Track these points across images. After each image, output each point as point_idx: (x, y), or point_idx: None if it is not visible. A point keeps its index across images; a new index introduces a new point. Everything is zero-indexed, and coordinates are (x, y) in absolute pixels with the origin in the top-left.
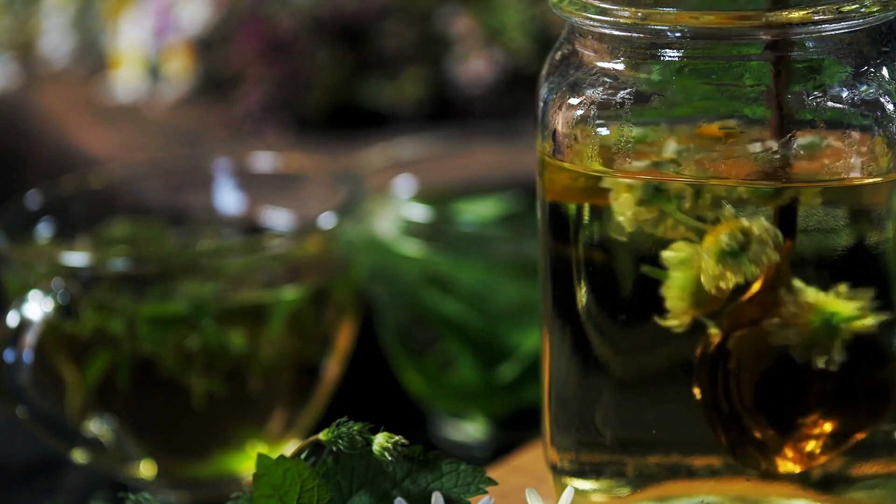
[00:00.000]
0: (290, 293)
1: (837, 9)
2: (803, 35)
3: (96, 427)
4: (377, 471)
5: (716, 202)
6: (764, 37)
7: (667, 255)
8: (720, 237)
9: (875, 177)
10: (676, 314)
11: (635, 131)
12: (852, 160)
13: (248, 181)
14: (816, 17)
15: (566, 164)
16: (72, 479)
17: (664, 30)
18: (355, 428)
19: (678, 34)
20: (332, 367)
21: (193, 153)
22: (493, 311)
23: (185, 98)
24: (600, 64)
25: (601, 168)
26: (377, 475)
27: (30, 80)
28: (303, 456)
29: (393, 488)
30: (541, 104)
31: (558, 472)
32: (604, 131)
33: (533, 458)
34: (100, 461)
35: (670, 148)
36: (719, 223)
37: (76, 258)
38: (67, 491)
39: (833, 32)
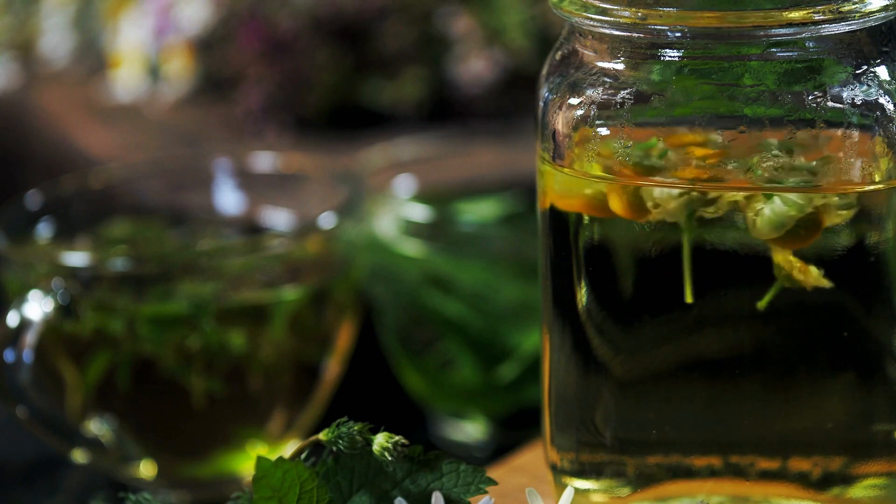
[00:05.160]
0: (290, 293)
1: (837, 9)
2: (803, 35)
3: (96, 427)
4: (377, 471)
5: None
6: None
7: None
8: None
9: (875, 177)
10: None
11: (636, 134)
12: (852, 161)
13: (248, 181)
14: (816, 17)
15: (566, 165)
16: (72, 479)
17: (664, 30)
18: (355, 428)
19: (678, 34)
20: (332, 367)
21: (193, 153)
22: (493, 311)
23: (185, 98)
24: (600, 64)
25: (600, 168)
26: (377, 475)
27: (30, 80)
28: (303, 456)
29: (393, 488)
30: (541, 104)
31: (558, 472)
32: (604, 131)
33: (533, 458)
34: (100, 461)
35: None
36: None
37: (76, 258)
38: (67, 491)
39: (833, 32)
